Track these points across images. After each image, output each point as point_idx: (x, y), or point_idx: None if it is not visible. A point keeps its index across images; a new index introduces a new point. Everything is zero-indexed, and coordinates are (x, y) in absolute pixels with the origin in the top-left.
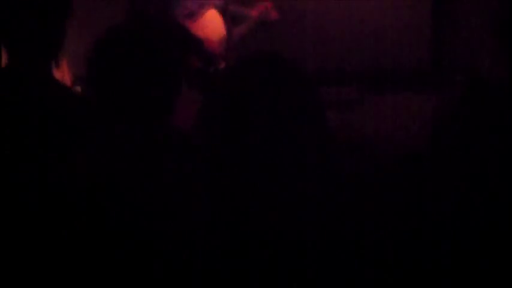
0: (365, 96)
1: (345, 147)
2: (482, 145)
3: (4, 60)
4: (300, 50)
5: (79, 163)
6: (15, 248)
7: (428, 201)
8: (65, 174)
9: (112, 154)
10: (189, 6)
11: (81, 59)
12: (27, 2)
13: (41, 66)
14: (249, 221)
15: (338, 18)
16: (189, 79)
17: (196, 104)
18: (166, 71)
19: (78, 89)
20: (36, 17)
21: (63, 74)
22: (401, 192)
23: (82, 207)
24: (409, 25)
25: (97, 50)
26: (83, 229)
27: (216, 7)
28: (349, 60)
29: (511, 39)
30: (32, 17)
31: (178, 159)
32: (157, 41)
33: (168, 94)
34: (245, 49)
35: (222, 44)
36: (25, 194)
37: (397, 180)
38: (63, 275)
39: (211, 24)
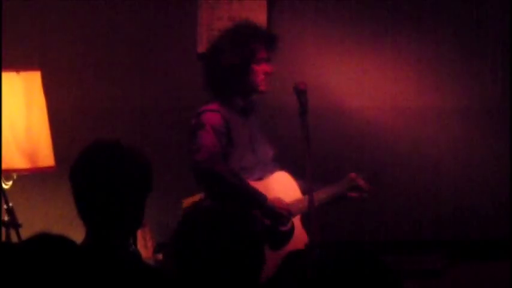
0: (449, 265)
1: None
2: None
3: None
4: (384, 222)
5: None
6: None
7: None
8: None
9: None
10: (257, 173)
11: (163, 228)
12: (111, 187)
13: (118, 243)
14: None
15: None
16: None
17: (268, 261)
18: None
19: (160, 256)
20: (119, 201)
21: (145, 241)
22: None
23: None
24: (488, 196)
25: (184, 228)
26: None
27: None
28: (431, 229)
29: None
30: (116, 200)
31: None
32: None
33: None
34: None
35: (296, 204)
36: None
37: None
38: None
39: (279, 185)
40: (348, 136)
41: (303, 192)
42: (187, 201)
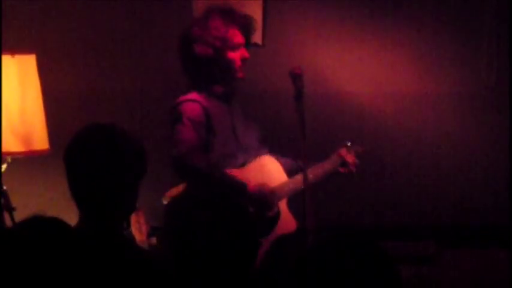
0: (442, 250)
1: None
2: None
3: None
4: (379, 208)
5: None
6: None
7: None
8: None
9: None
10: (241, 158)
11: (157, 212)
12: (106, 169)
13: (111, 226)
14: None
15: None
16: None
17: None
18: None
19: (153, 240)
20: (114, 183)
21: (139, 225)
22: None
23: None
24: (486, 181)
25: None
26: None
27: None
28: (426, 215)
29: None
30: (110, 183)
31: None
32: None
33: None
34: None
35: (282, 188)
36: None
37: None
38: None
39: (262, 170)
40: (345, 121)
41: (295, 171)
42: (171, 192)
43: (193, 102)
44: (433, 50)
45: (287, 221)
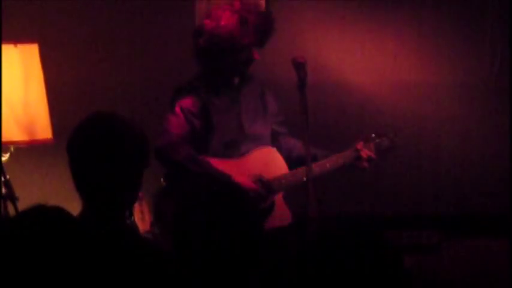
0: (444, 240)
1: None
2: None
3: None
4: (379, 198)
5: None
6: None
7: None
8: None
9: None
10: (244, 147)
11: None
12: (109, 158)
13: (114, 216)
14: None
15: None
16: None
17: None
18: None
19: (157, 229)
20: (117, 172)
21: (143, 215)
22: None
23: None
24: (487, 171)
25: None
26: None
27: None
28: (429, 204)
29: None
30: (113, 172)
31: None
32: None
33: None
34: None
35: (279, 180)
36: None
37: None
38: None
39: (259, 162)
40: (347, 111)
41: (301, 160)
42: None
43: (190, 91)
44: (435, 39)
45: (282, 213)
